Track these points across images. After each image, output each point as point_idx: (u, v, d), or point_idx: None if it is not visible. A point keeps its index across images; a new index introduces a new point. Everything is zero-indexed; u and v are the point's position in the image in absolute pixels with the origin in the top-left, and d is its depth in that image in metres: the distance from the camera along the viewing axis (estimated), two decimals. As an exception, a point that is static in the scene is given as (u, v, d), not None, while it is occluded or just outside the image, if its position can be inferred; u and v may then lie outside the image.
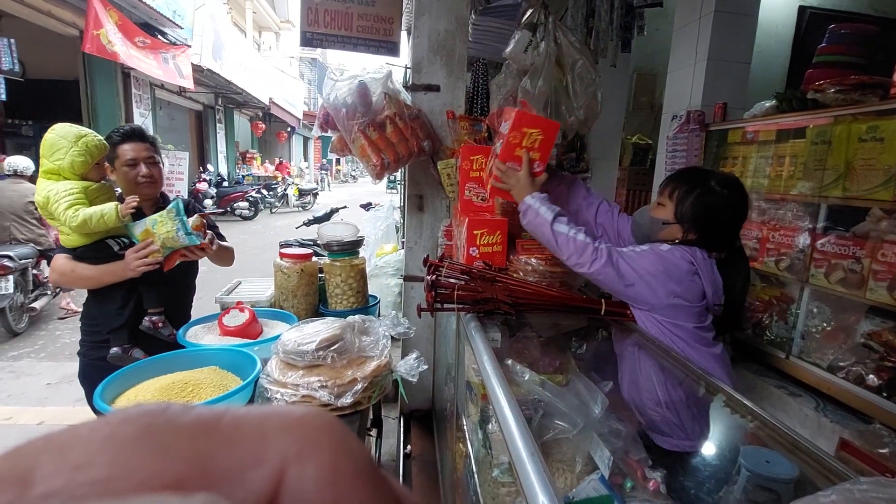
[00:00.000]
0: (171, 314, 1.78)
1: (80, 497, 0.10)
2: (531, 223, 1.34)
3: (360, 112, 2.03)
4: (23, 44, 6.50)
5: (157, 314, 1.72)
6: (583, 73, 1.70)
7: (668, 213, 1.33)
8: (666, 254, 1.27)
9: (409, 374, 1.43)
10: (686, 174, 1.37)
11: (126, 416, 0.11)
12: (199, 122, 12.80)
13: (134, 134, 1.71)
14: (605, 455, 0.86)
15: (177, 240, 1.59)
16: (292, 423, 0.12)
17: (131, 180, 1.68)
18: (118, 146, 1.66)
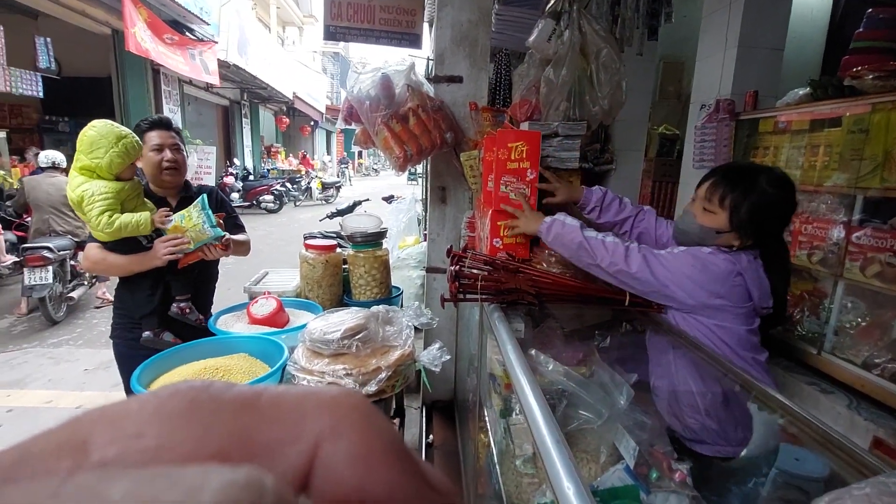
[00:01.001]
0: (196, 301, 1.87)
1: (133, 464, 0.10)
2: (559, 235, 1.32)
3: (383, 104, 2.05)
4: (58, 43, 6.73)
5: (184, 300, 1.81)
6: (607, 62, 1.67)
7: (721, 221, 1.24)
8: (705, 256, 1.23)
9: (432, 363, 1.44)
10: (733, 176, 1.26)
11: (174, 390, 0.12)
12: (225, 118, 13.07)
13: (161, 123, 1.81)
14: (630, 446, 0.86)
15: (204, 232, 1.67)
16: (327, 402, 0.13)
17: (156, 164, 1.76)
18: (146, 133, 1.75)
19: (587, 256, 1.28)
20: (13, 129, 8.03)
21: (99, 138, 1.58)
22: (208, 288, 2.06)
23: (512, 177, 1.43)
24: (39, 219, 4.48)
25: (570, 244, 1.31)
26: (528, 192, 1.46)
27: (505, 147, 1.41)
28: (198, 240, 1.68)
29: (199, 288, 1.93)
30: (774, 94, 2.22)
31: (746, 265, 1.22)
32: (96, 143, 1.58)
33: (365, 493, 0.12)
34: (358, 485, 0.12)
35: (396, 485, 0.12)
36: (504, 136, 1.43)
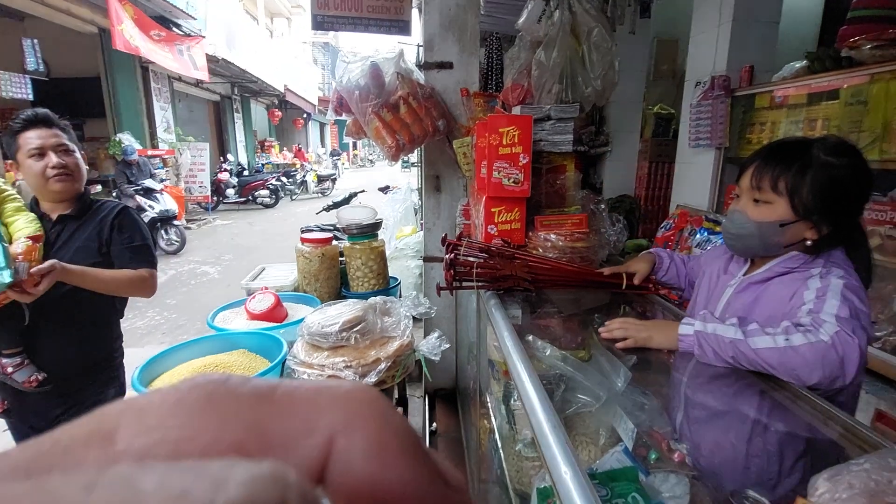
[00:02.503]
0: (69, 354, 1.46)
1: (155, 455, 0.11)
2: (718, 357, 0.95)
3: (373, 94, 2.02)
4: (46, 44, 6.65)
5: (9, 356, 1.39)
6: (599, 42, 1.65)
7: (783, 210, 1.02)
8: (853, 283, 0.96)
9: (432, 353, 1.44)
10: (781, 155, 1.04)
11: (193, 384, 0.12)
12: (217, 113, 12.96)
13: (38, 119, 1.41)
14: (628, 427, 0.86)
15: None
16: (341, 396, 0.13)
17: (40, 174, 1.38)
18: (19, 135, 1.38)
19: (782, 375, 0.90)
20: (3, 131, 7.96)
21: None
22: (94, 332, 1.55)
23: (504, 162, 1.42)
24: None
25: (746, 366, 0.94)
26: (522, 177, 1.44)
27: (496, 132, 1.39)
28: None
29: (71, 335, 1.47)
30: (770, 69, 2.20)
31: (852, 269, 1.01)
32: None
33: (379, 486, 0.12)
34: (372, 478, 0.12)
35: (410, 478, 0.12)
36: (495, 121, 1.41)
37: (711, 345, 0.95)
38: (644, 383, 1.21)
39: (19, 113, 1.41)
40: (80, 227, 1.47)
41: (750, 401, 0.98)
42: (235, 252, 7.22)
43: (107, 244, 1.49)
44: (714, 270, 1.23)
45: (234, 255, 7.06)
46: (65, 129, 1.45)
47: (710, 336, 0.95)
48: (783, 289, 1.03)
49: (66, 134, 1.44)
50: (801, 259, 1.04)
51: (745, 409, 0.99)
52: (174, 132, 8.99)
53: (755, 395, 0.96)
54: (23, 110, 1.41)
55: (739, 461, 0.93)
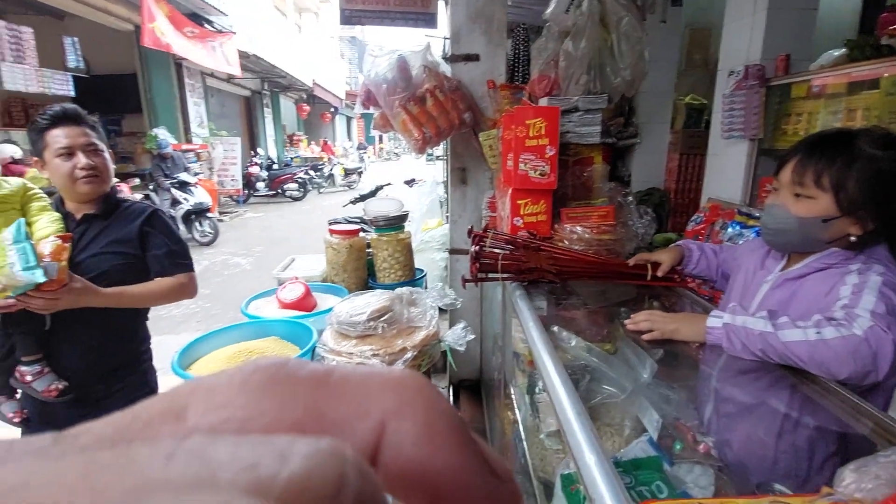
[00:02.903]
0: (92, 360, 1.39)
1: (224, 432, 0.12)
2: (747, 350, 0.94)
3: (400, 87, 2.05)
4: (85, 42, 6.92)
5: (29, 364, 1.32)
6: (629, 32, 1.62)
7: (825, 205, 0.98)
8: (892, 280, 0.93)
9: (457, 343, 1.46)
10: (824, 147, 1.01)
11: (256, 367, 0.13)
12: (248, 108, 13.25)
13: (66, 116, 1.33)
14: (653, 418, 0.86)
15: (13, 277, 1.13)
16: (392, 382, 0.13)
17: (68, 175, 1.31)
18: (46, 132, 1.30)
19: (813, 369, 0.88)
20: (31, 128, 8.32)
21: None
22: (119, 338, 1.46)
23: (531, 154, 1.42)
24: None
25: (763, 353, 0.92)
26: (548, 169, 1.44)
27: (523, 124, 1.40)
28: (12, 286, 1.16)
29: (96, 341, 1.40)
30: (808, 58, 2.12)
31: None
32: None
33: (428, 469, 0.12)
34: (423, 462, 0.12)
35: (459, 464, 0.12)
36: (522, 113, 1.41)
37: (740, 337, 0.94)
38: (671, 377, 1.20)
39: (46, 108, 1.32)
40: (106, 227, 1.41)
41: (779, 395, 0.97)
42: (266, 244, 7.41)
43: (140, 248, 1.43)
44: (750, 265, 1.21)
45: (265, 246, 7.24)
46: (94, 127, 1.38)
47: (738, 328, 0.94)
48: (820, 285, 1.00)
49: (95, 132, 1.37)
50: (840, 255, 1.01)
51: (774, 403, 0.98)
52: (207, 127, 9.25)
53: (785, 389, 0.95)
54: (49, 105, 1.33)
55: (768, 456, 0.92)
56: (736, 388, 1.07)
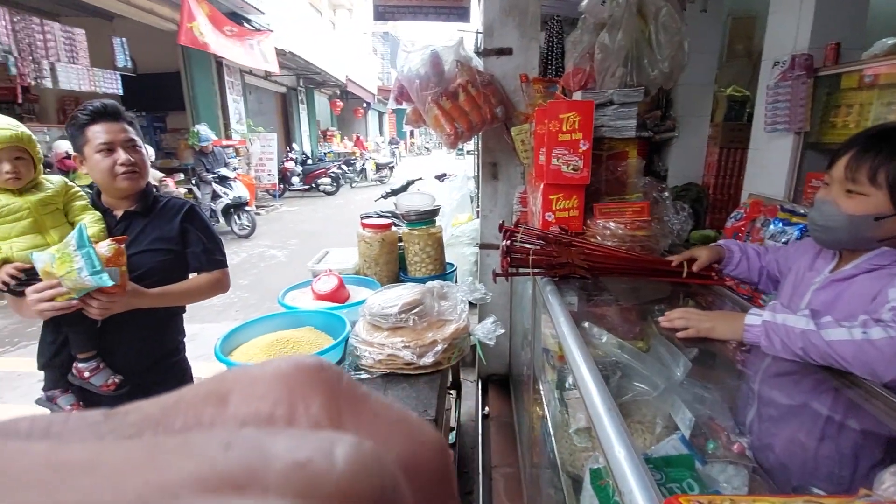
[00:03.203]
0: (137, 353, 1.42)
1: (257, 423, 0.13)
2: (787, 349, 0.91)
3: (433, 82, 2.06)
4: (132, 42, 7.23)
5: (84, 360, 1.34)
6: (667, 22, 1.58)
7: (880, 203, 0.95)
8: None
9: (487, 337, 1.47)
10: (881, 143, 0.96)
11: (297, 364, 0.14)
12: (283, 104, 13.57)
13: (107, 112, 1.33)
14: (686, 416, 0.85)
15: (80, 282, 1.14)
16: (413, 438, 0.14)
17: (108, 171, 1.32)
18: (87, 127, 1.30)
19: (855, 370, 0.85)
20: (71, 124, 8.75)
21: None
22: (151, 330, 1.48)
23: (564, 149, 1.41)
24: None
25: (817, 360, 0.89)
26: (581, 164, 1.43)
27: (556, 118, 1.39)
28: (78, 289, 1.18)
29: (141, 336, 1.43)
30: (860, 46, 2.01)
31: None
32: None
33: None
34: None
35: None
36: (555, 107, 1.40)
37: (780, 335, 0.91)
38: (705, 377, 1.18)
39: (86, 104, 1.32)
40: (147, 224, 1.43)
41: (821, 397, 0.94)
42: (300, 237, 7.60)
43: (181, 245, 1.46)
44: (801, 266, 1.17)
45: (299, 239, 7.43)
46: (132, 123, 1.38)
47: (779, 326, 0.92)
48: (868, 287, 0.97)
49: (134, 128, 1.38)
50: (892, 255, 0.97)
51: (816, 405, 0.95)
52: (245, 123, 9.53)
53: (826, 391, 0.92)
54: (89, 101, 1.33)
55: (808, 460, 0.89)
56: (774, 390, 1.04)
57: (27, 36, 5.10)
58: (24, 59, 5.10)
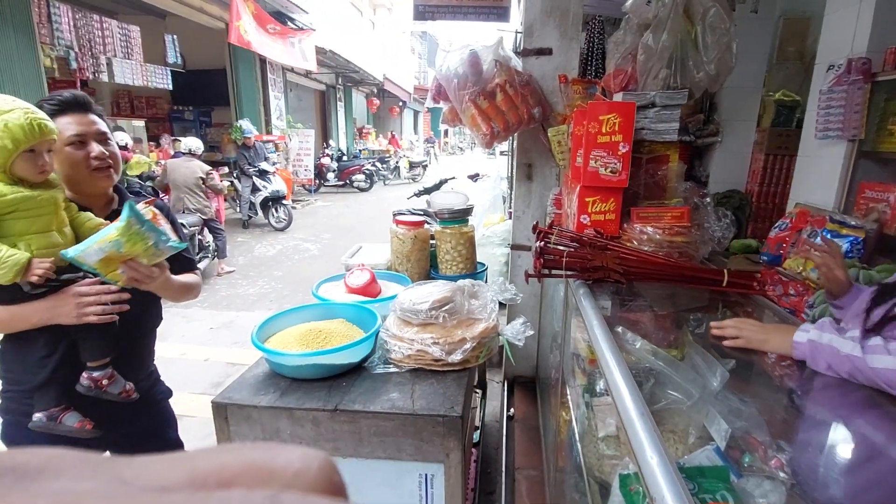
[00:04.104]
0: (126, 361, 1.31)
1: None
2: (832, 370, 0.88)
3: (470, 81, 2.06)
4: (182, 39, 7.54)
5: (99, 369, 1.23)
6: (715, 23, 1.53)
7: None
8: None
9: (516, 337, 1.47)
10: None
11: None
12: (322, 102, 13.86)
13: (77, 102, 1.23)
14: (722, 427, 0.83)
15: (159, 252, 1.16)
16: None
17: (80, 164, 1.21)
18: (54, 119, 1.17)
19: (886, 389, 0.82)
20: (150, 118, 9.19)
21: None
22: (145, 338, 1.44)
23: (602, 151, 1.39)
24: (176, 197, 5.17)
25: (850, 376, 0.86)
26: (620, 166, 1.41)
27: (596, 120, 1.37)
28: (156, 258, 1.18)
29: (130, 342, 1.34)
30: (926, 49, 1.89)
31: None
32: None
33: None
34: None
35: None
36: (595, 108, 1.39)
37: (825, 357, 0.88)
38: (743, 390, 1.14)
39: (54, 94, 1.24)
40: None
41: (869, 417, 0.90)
42: (334, 231, 7.75)
43: None
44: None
45: (333, 234, 7.57)
46: (101, 116, 1.29)
47: (824, 347, 0.89)
48: None
49: (104, 120, 1.29)
50: None
51: (863, 425, 0.91)
52: (285, 119, 9.79)
53: (875, 411, 0.87)
54: (57, 91, 1.24)
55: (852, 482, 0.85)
56: (818, 406, 1.00)
57: (87, 32, 5.38)
58: (83, 54, 5.39)
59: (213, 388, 3.05)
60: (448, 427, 1.10)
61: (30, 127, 1.07)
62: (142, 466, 0.14)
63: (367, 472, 1.17)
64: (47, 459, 0.13)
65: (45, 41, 4.94)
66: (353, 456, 1.15)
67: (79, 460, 0.14)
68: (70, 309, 1.14)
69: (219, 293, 4.94)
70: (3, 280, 1.07)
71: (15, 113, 1.06)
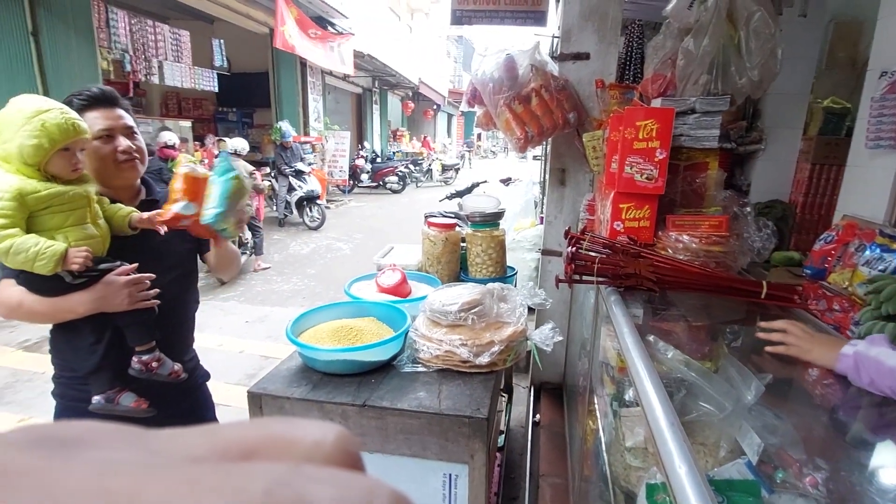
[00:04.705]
0: (169, 342, 1.36)
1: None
2: (874, 385, 0.84)
3: (506, 86, 2.07)
4: (228, 43, 7.85)
5: (147, 353, 1.29)
6: (759, 28, 1.49)
7: None
8: None
9: (544, 342, 1.46)
10: None
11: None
12: (358, 104, 14.12)
13: (105, 97, 1.26)
14: (754, 441, 0.81)
15: (245, 188, 1.34)
16: None
17: (107, 158, 1.25)
18: (84, 114, 1.20)
19: None
20: (196, 119, 9.59)
21: (11, 115, 1.10)
22: (187, 321, 1.50)
23: (638, 157, 1.37)
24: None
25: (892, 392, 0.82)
26: (657, 173, 1.39)
27: (632, 126, 1.35)
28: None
29: (173, 324, 1.40)
30: None
31: None
32: (6, 121, 1.10)
33: None
34: None
35: None
36: (632, 114, 1.37)
37: (870, 371, 0.84)
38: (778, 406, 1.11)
39: (83, 89, 1.26)
40: None
41: None
42: (365, 231, 7.87)
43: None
44: None
45: (365, 234, 7.70)
46: (128, 110, 1.31)
47: (870, 360, 0.84)
48: None
49: (130, 115, 1.31)
50: None
51: None
52: (323, 121, 10.03)
53: None
54: (85, 87, 1.27)
55: None
56: (860, 426, 0.96)
57: (141, 37, 5.68)
58: (137, 57, 5.68)
59: (247, 378, 3.16)
60: (473, 428, 1.11)
61: (66, 126, 1.09)
62: (169, 438, 0.15)
63: (393, 468, 1.20)
64: (84, 430, 0.14)
65: (103, 45, 5.24)
66: (380, 451, 1.18)
67: (112, 431, 0.15)
68: (123, 297, 1.19)
69: (254, 288, 5.10)
70: (45, 270, 1.09)
71: (52, 112, 1.09)
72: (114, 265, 1.22)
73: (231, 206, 1.28)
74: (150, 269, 1.27)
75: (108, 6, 5.26)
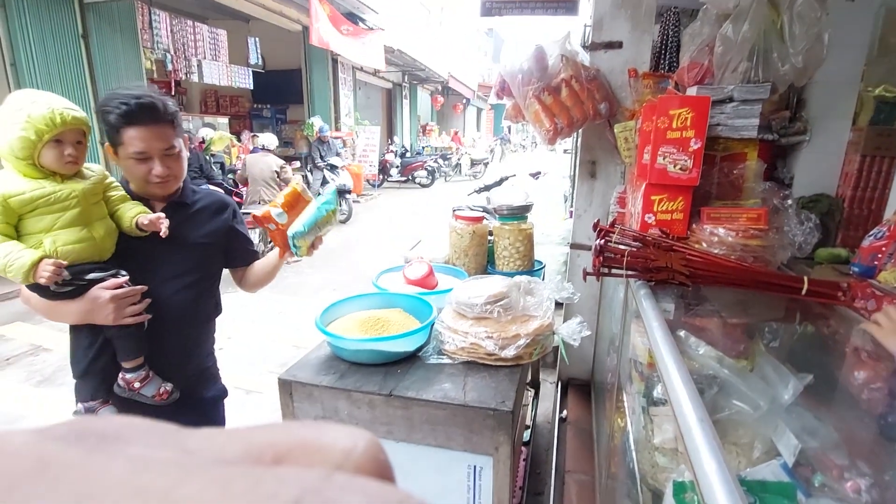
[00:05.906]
0: (174, 351, 1.33)
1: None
2: None
3: (535, 77, 2.04)
4: (263, 41, 8.03)
5: (132, 370, 1.22)
6: (804, 12, 1.42)
7: None
8: None
9: (571, 337, 1.44)
10: None
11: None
12: (388, 99, 14.22)
13: (144, 112, 1.16)
14: (791, 443, 0.77)
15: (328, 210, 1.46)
16: None
17: (140, 178, 1.22)
18: (122, 130, 1.16)
19: None
20: (233, 115, 9.87)
21: (3, 111, 1.06)
22: (195, 329, 1.41)
23: (672, 147, 1.33)
24: (253, 190, 5.54)
25: None
26: (691, 164, 1.34)
27: (666, 115, 1.31)
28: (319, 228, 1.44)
29: (176, 333, 1.33)
30: None
31: None
32: (1, 118, 1.06)
33: None
34: None
35: None
36: (666, 102, 1.33)
37: None
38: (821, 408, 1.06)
39: (120, 99, 1.15)
40: (193, 214, 1.37)
41: None
42: (394, 225, 7.95)
43: (223, 238, 1.43)
44: None
45: (393, 227, 7.77)
46: (173, 119, 1.23)
47: None
48: None
49: (174, 127, 1.23)
50: None
51: None
52: (353, 116, 10.16)
53: None
54: (123, 96, 1.15)
55: None
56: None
57: (182, 37, 5.87)
58: (178, 56, 5.88)
59: (279, 367, 3.25)
60: (498, 421, 1.11)
61: (51, 118, 1.04)
62: (205, 438, 0.15)
63: (418, 458, 1.21)
64: (121, 426, 0.15)
65: (146, 45, 5.46)
66: (405, 441, 1.19)
67: (149, 428, 0.15)
68: (108, 312, 1.14)
69: (286, 280, 5.23)
70: (17, 281, 1.05)
71: (38, 105, 1.05)
72: (103, 276, 1.16)
73: (314, 230, 1.40)
74: (157, 274, 1.26)
75: (151, 8, 5.46)
